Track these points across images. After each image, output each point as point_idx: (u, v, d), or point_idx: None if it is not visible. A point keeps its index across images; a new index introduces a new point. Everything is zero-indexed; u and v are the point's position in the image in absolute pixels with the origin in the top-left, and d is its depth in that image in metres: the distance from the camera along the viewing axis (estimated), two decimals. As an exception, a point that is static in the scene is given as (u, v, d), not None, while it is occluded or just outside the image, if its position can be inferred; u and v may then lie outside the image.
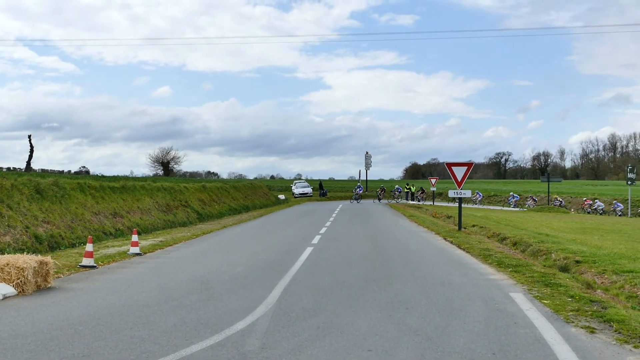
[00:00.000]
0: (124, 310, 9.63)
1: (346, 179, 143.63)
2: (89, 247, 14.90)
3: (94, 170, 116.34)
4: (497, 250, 17.72)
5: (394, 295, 10.98)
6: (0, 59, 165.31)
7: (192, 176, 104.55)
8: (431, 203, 61.66)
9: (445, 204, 60.65)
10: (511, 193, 67.52)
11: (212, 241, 21.89)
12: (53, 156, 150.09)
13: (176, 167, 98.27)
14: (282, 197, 68.28)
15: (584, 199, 58.59)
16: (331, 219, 34.10)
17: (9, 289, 11.09)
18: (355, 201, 62.59)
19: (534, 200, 60.95)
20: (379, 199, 68.19)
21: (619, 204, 53.43)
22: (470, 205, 61.02)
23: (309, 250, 18.06)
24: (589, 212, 53.78)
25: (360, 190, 69.51)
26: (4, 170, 46.00)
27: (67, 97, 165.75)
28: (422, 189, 69.84)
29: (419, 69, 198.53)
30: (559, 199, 59.26)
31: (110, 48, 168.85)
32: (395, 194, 70.46)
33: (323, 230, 25.81)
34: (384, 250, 18.21)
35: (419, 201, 65.87)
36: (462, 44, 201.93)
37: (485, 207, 61.00)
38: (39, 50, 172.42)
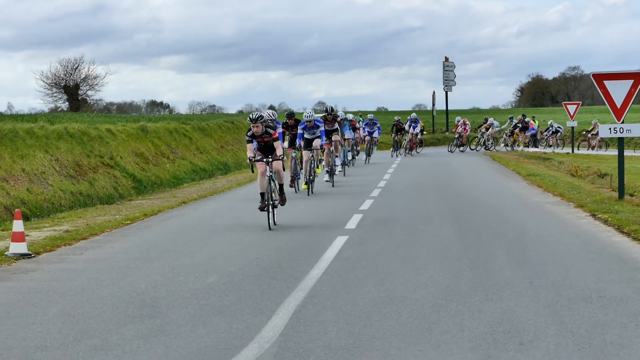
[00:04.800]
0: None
1: (410, 108, 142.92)
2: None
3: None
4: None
5: (497, 320, 11.05)
6: None
7: (122, 111, 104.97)
8: (569, 151, 61.42)
9: (601, 152, 60.43)
10: None
11: (160, 230, 22.08)
12: None
13: (92, 96, 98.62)
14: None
15: None
16: (381, 183, 34.16)
17: None
18: (404, 153, 61.35)
19: None
20: (458, 146, 67.42)
21: None
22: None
23: (340, 241, 18.15)
24: None
25: (416, 128, 66.92)
26: None
27: None
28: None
29: None
30: None
31: None
32: (484, 136, 68.75)
33: (366, 203, 25.88)
34: (478, 239, 18.26)
35: (547, 146, 65.72)
36: None
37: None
38: None
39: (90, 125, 38.75)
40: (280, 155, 21.90)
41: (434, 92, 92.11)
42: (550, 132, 68.64)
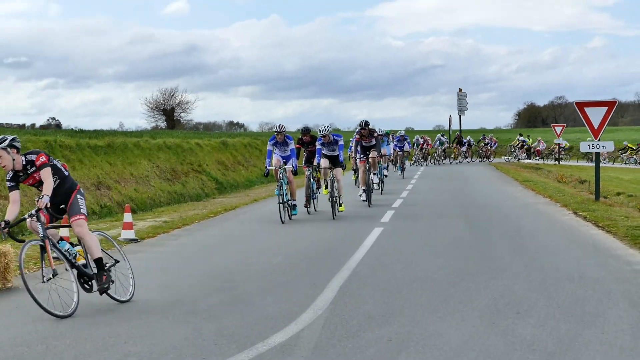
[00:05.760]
0: (115, 319, 9.86)
1: (431, 128, 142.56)
2: (63, 231, 15.19)
3: (69, 123, 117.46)
4: (653, 230, 17.54)
5: (499, 294, 11.03)
6: None
7: (208, 129, 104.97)
8: (555, 162, 61.11)
9: (579, 163, 60.02)
10: None
11: (238, 221, 22.15)
12: (15, 105, 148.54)
13: (184, 117, 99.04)
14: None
15: None
16: (409, 187, 34.08)
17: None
18: (428, 163, 59.07)
19: None
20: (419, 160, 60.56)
21: None
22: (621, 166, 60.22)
23: (376, 232, 18.16)
24: None
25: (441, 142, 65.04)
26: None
27: (39, 20, 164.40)
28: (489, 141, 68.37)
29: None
30: None
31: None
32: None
33: (397, 203, 25.86)
34: (485, 232, 18.20)
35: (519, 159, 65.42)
36: None
37: (635, 167, 60.16)
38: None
39: (183, 140, 38.96)
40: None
41: (450, 116, 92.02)
42: (543, 148, 68.37)
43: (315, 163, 22.98)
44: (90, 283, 10.88)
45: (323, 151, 22.54)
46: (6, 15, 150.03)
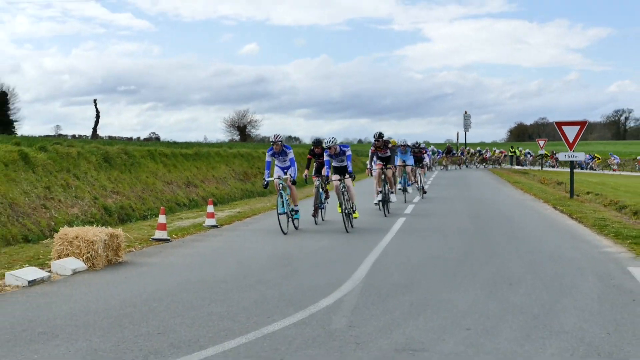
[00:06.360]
0: (200, 287, 9.93)
1: (442, 142, 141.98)
2: (161, 218, 15.33)
3: (166, 136, 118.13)
4: (615, 220, 17.35)
5: (496, 270, 10.96)
6: (71, 17, 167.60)
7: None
8: (539, 168, 60.61)
9: (559, 169, 59.46)
10: (610, 154, 65.87)
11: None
12: (126, 122, 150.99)
13: (253, 132, 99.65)
14: (370, 163, 68.00)
15: None
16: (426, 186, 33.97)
17: (79, 264, 11.53)
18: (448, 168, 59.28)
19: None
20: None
21: None
22: (604, 172, 59.59)
23: (400, 221, 18.12)
24: None
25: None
26: (69, 137, 47.54)
27: (144, 57, 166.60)
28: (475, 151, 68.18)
29: (532, 16, 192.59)
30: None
31: (187, 2, 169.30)
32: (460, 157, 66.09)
33: (416, 199, 25.79)
34: (484, 222, 18.10)
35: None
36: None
37: (601, 172, 59.51)
38: (111, 6, 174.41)
39: (252, 149, 39.11)
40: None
41: (457, 132, 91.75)
42: (530, 157, 67.98)
43: (323, 174, 18.44)
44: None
45: (332, 163, 18.19)
46: (120, 54, 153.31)
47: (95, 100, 52.67)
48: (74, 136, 61.52)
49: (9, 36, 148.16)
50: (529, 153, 69.59)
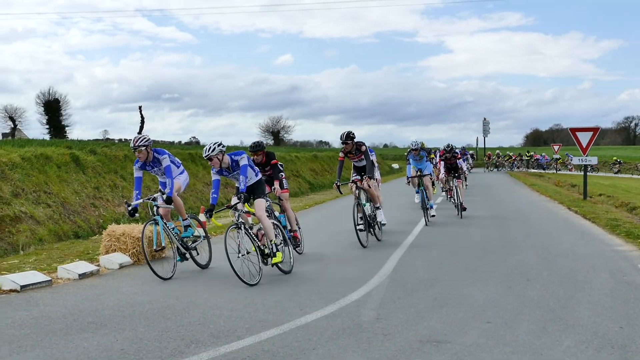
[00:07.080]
0: (237, 282, 9.94)
1: (462, 146, 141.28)
2: (200, 217, 15.36)
3: (205, 140, 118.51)
4: (626, 220, 17.13)
5: (514, 266, 10.86)
6: (120, 30, 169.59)
7: (303, 146, 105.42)
8: (554, 171, 60.06)
9: (575, 172, 58.90)
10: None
11: (325, 211, 22.19)
12: (169, 127, 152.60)
13: (286, 137, 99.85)
14: (395, 166, 67.83)
15: None
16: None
17: (125, 259, 11.71)
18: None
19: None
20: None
21: None
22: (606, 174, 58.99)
23: (424, 220, 18.02)
24: None
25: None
26: (117, 141, 48.00)
27: (187, 68, 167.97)
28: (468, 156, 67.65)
29: (547, 29, 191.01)
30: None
31: (227, 16, 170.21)
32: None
33: (439, 199, 25.67)
34: (503, 221, 17.95)
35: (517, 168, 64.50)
36: (592, 1, 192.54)
37: (614, 175, 58.86)
38: (157, 20, 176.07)
39: (286, 153, 39.19)
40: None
41: (477, 138, 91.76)
42: (546, 161, 67.40)
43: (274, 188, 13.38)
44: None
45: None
46: (164, 65, 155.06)
47: (140, 107, 52.71)
48: (120, 140, 62.06)
49: (63, 48, 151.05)
50: (543, 157, 68.93)
